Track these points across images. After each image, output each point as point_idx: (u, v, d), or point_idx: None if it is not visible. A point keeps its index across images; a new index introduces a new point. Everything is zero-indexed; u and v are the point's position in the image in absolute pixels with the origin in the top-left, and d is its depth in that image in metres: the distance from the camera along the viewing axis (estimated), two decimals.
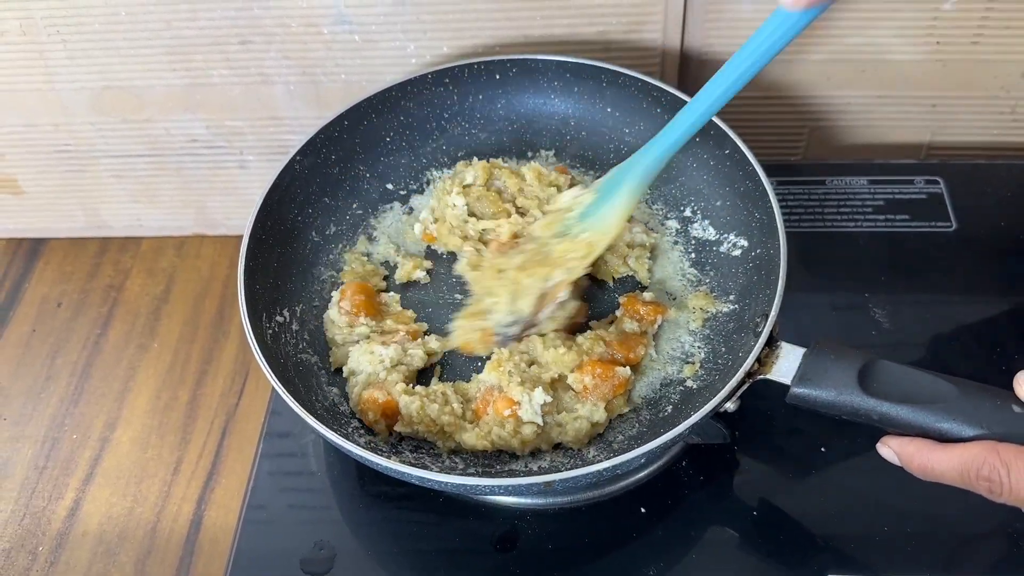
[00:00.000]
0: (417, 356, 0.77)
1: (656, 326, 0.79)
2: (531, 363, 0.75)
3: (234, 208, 1.04)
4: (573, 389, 0.74)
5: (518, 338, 0.77)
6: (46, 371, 0.95)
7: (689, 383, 0.75)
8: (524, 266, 0.78)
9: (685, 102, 0.83)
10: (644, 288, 0.82)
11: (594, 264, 0.79)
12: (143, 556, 0.81)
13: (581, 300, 0.80)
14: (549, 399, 0.71)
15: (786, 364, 0.67)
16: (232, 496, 0.84)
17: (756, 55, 0.65)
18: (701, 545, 0.74)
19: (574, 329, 0.79)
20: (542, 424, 0.72)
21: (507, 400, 0.71)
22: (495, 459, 0.73)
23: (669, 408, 0.74)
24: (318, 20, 0.89)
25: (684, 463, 0.77)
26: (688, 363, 0.77)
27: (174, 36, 0.90)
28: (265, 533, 0.77)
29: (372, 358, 0.76)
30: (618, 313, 0.80)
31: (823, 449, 0.77)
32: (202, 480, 0.86)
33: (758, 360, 0.67)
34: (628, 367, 0.75)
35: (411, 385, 0.75)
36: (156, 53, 0.91)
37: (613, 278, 0.83)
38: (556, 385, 0.74)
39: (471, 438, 0.72)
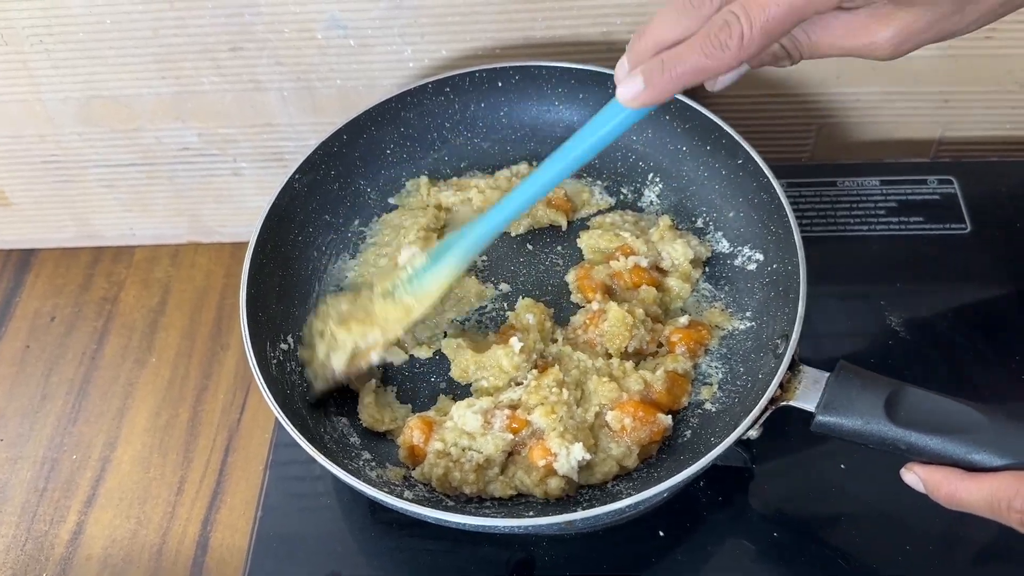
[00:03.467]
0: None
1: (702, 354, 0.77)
2: (579, 390, 0.74)
3: (229, 215, 1.02)
4: (610, 427, 0.72)
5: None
6: (42, 389, 0.93)
7: (707, 406, 0.74)
8: (344, 319, 0.76)
9: (693, 109, 0.82)
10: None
11: (662, 290, 0.79)
12: None
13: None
14: (589, 457, 0.69)
15: (809, 390, 0.66)
16: (238, 516, 0.83)
17: (592, 140, 0.64)
18: (721, 566, 0.73)
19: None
20: (576, 480, 0.70)
21: (543, 450, 0.69)
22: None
23: (688, 433, 0.72)
24: (311, 25, 0.86)
25: (702, 483, 0.76)
26: (705, 384, 0.75)
27: (162, 44, 0.87)
28: (276, 563, 0.75)
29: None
30: (668, 345, 0.77)
31: (843, 466, 0.76)
32: (207, 500, 0.84)
33: (780, 385, 0.66)
34: (670, 415, 0.73)
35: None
36: (144, 62, 0.89)
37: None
38: (593, 424, 0.72)
39: (497, 489, 0.70)
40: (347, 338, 0.75)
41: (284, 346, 0.77)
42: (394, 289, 0.76)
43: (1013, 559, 0.71)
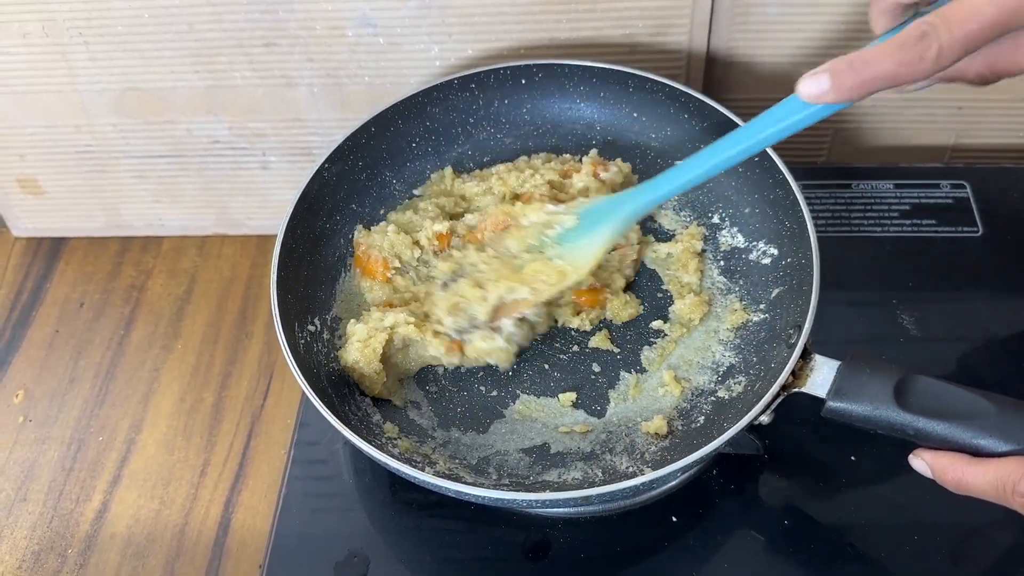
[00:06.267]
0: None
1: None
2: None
3: (256, 208, 1.03)
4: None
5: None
6: (70, 373, 0.95)
7: (721, 393, 0.75)
8: (492, 271, 0.76)
9: (711, 107, 0.83)
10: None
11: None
12: (172, 559, 0.82)
13: (548, 314, 0.80)
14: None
15: (820, 377, 0.67)
16: (260, 499, 0.84)
17: (765, 134, 0.64)
18: (732, 553, 0.74)
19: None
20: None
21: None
22: (528, 471, 0.73)
23: (701, 419, 0.74)
24: (343, 23, 0.88)
25: (714, 471, 0.77)
26: (719, 373, 0.77)
27: (197, 38, 0.89)
28: (298, 542, 0.77)
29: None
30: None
31: (853, 458, 0.77)
32: (229, 483, 0.86)
33: (792, 373, 0.67)
34: None
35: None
36: (179, 55, 0.91)
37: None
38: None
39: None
40: (494, 291, 0.75)
41: (312, 327, 0.79)
42: (542, 247, 0.75)
43: (1021, 549, 0.72)
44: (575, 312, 0.81)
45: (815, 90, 0.57)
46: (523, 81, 0.89)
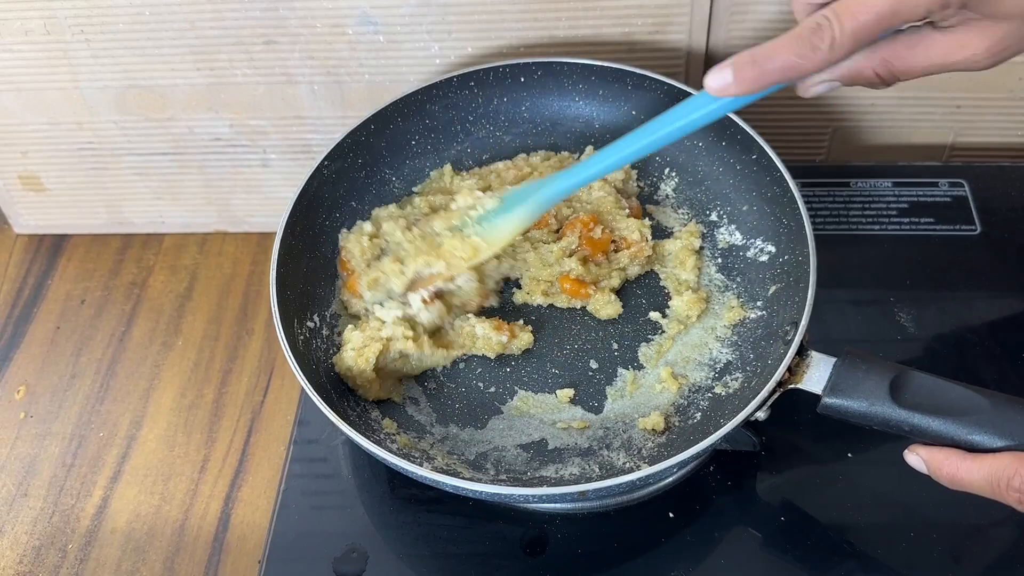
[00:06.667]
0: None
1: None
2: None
3: (257, 206, 1.04)
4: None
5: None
6: (71, 368, 0.95)
7: (718, 390, 0.75)
8: (414, 248, 0.79)
9: None
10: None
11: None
12: (172, 554, 0.82)
13: (480, 283, 0.82)
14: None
15: (817, 374, 0.67)
16: (259, 495, 0.85)
17: (673, 126, 0.66)
18: (728, 549, 0.74)
19: (477, 312, 0.82)
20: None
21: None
22: (526, 466, 0.73)
23: (698, 415, 0.74)
24: (343, 21, 0.89)
25: (711, 468, 0.77)
26: (716, 369, 0.77)
27: (198, 36, 0.90)
28: (297, 538, 0.77)
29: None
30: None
31: (850, 455, 0.78)
32: (229, 479, 0.86)
33: (789, 369, 0.68)
34: None
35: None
36: (180, 53, 0.91)
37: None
38: None
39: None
40: (411, 266, 0.78)
41: (311, 324, 0.79)
42: (463, 226, 0.78)
43: (1017, 545, 0.73)
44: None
45: (719, 83, 0.59)
46: (522, 79, 0.89)
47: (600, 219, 0.84)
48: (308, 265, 0.82)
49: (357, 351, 0.76)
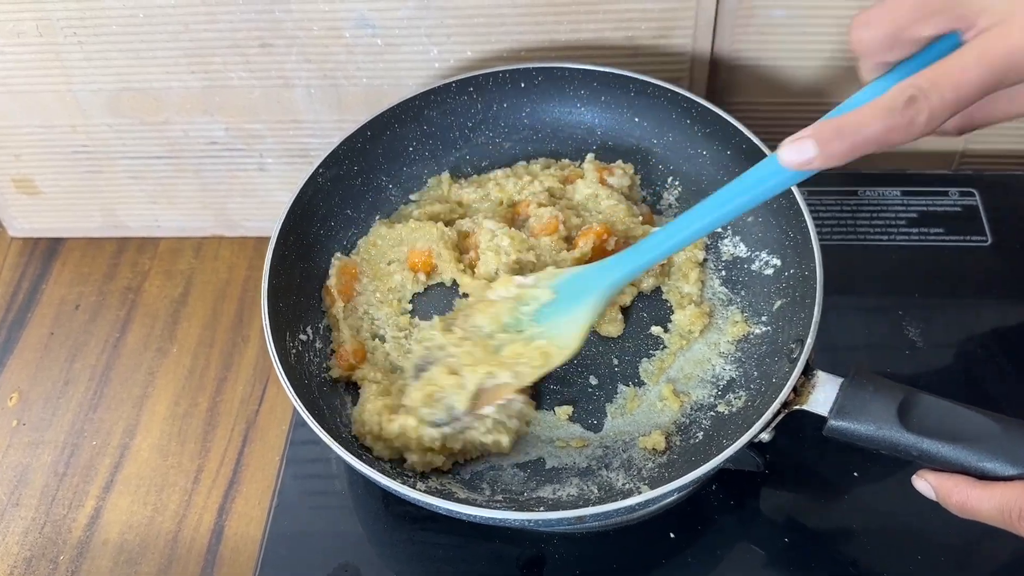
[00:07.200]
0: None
1: None
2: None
3: (253, 210, 1.02)
4: None
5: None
6: (64, 375, 0.94)
7: (720, 408, 0.74)
8: (466, 354, 0.71)
9: (715, 113, 0.82)
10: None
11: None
12: (164, 566, 0.81)
13: (528, 399, 0.74)
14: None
15: (823, 394, 0.66)
16: (253, 507, 0.84)
17: (743, 199, 0.62)
18: (731, 570, 0.73)
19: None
20: None
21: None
22: (523, 486, 0.72)
23: (700, 435, 0.73)
24: (340, 23, 0.87)
25: (713, 486, 0.76)
26: (719, 387, 0.75)
27: (192, 38, 0.88)
28: (290, 553, 0.76)
29: None
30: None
31: (856, 474, 0.76)
32: (223, 490, 0.85)
33: (794, 390, 0.66)
34: None
35: None
36: (174, 55, 0.90)
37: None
38: None
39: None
40: (471, 377, 0.70)
41: (303, 337, 0.78)
42: (518, 326, 0.71)
43: None
44: None
45: (799, 158, 0.55)
46: (522, 85, 0.87)
47: (613, 229, 0.81)
48: (301, 276, 0.80)
49: (372, 417, 0.72)
